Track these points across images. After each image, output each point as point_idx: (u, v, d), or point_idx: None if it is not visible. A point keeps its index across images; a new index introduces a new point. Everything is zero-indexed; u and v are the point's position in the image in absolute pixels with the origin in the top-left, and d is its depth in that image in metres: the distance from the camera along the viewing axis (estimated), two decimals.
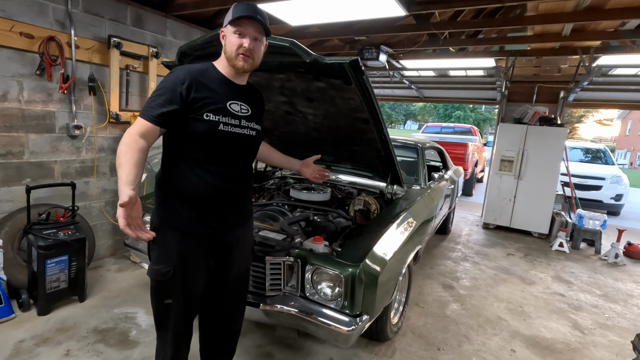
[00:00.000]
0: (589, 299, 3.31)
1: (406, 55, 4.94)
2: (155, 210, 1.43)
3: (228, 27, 1.35)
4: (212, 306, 1.57)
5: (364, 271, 1.70)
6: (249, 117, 1.43)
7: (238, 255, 1.55)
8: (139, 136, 1.24)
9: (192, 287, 1.42)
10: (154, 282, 1.41)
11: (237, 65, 1.36)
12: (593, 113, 26.96)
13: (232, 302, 1.60)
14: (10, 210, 2.61)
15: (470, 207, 7.01)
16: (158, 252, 1.39)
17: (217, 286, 1.53)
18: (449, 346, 2.40)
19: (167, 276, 1.36)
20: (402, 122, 42.59)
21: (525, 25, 3.72)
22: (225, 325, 1.63)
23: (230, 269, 1.53)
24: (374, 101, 1.89)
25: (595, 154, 8.21)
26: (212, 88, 1.34)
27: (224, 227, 1.46)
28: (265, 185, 3.18)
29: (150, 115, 1.27)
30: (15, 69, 2.57)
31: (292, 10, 3.24)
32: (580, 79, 5.04)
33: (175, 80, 1.29)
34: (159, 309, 1.43)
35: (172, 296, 1.39)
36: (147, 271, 1.44)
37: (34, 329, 2.25)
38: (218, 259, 1.48)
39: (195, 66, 1.37)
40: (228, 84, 1.40)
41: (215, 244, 1.45)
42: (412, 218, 2.46)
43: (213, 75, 1.38)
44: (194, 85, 1.30)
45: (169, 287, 1.39)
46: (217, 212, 1.42)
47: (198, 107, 1.30)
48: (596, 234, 4.69)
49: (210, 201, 1.39)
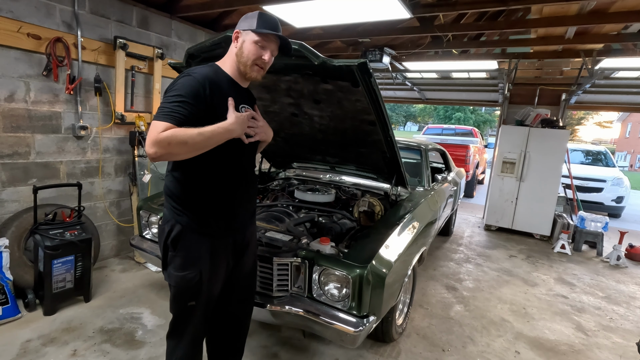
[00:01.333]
0: (591, 300, 3.32)
1: (409, 57, 4.95)
2: (174, 217, 1.37)
3: (250, 33, 1.33)
4: (222, 305, 1.58)
5: (371, 272, 1.71)
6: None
7: (251, 252, 1.59)
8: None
9: (214, 288, 1.44)
10: (177, 288, 1.39)
11: (250, 74, 1.38)
12: (593, 115, 26.99)
13: (241, 299, 1.62)
14: (17, 210, 2.62)
15: (472, 208, 7.02)
16: (183, 259, 1.36)
17: (229, 285, 1.54)
18: (453, 347, 2.41)
19: (193, 281, 1.36)
20: (402, 123, 42.59)
21: (529, 28, 3.74)
22: (235, 324, 1.65)
23: (243, 266, 1.56)
24: (381, 103, 1.91)
25: (596, 156, 8.22)
26: (226, 92, 1.33)
27: (243, 225, 1.50)
28: (269, 187, 3.18)
29: (178, 119, 1.17)
30: (23, 70, 2.58)
31: (297, 12, 3.26)
32: (583, 82, 5.05)
33: (196, 85, 1.24)
34: (180, 312, 1.43)
35: (196, 298, 1.40)
36: (166, 277, 1.42)
37: (40, 329, 2.26)
38: (236, 257, 1.51)
39: (206, 69, 1.34)
40: (235, 87, 1.40)
41: (236, 243, 1.48)
42: (417, 220, 2.47)
43: (223, 79, 1.37)
44: (215, 90, 1.28)
45: (194, 291, 1.39)
46: (238, 211, 1.46)
47: (220, 113, 1.28)
48: (598, 236, 4.70)
49: (234, 202, 1.42)
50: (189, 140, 1.16)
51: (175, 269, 1.38)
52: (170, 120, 1.17)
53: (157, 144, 1.13)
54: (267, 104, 2.42)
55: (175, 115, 1.18)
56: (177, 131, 1.15)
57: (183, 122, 1.19)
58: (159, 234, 1.45)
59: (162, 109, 1.21)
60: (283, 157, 3.29)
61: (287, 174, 3.56)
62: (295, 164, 3.44)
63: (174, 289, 1.41)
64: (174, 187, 1.38)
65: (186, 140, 1.16)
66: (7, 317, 2.28)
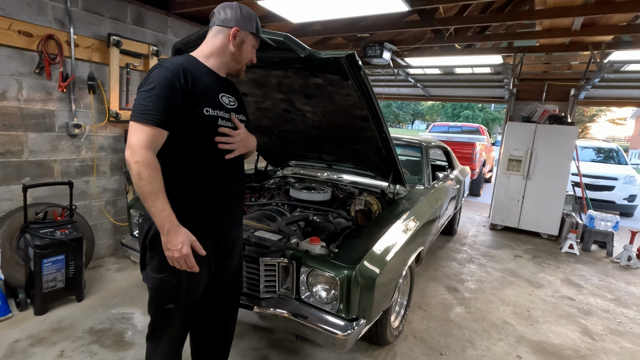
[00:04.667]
0: (599, 303, 3.19)
1: (411, 53, 4.85)
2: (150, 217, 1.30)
3: (250, 36, 1.35)
4: (206, 307, 1.52)
5: (360, 273, 1.64)
6: (236, 109, 1.40)
7: (236, 254, 1.52)
8: (153, 150, 1.16)
9: (194, 290, 1.37)
10: (155, 290, 1.34)
11: (241, 74, 1.43)
12: (606, 112, 26.40)
13: (226, 302, 1.56)
14: (9, 209, 2.61)
15: (478, 207, 6.88)
16: (161, 260, 1.28)
17: (213, 287, 1.48)
18: (451, 351, 2.32)
19: (171, 284, 1.30)
20: (410, 121, 42.29)
21: (533, 20, 3.61)
22: (220, 327, 1.59)
23: (227, 268, 1.49)
24: (372, 98, 1.83)
25: (608, 154, 8.00)
26: (203, 81, 1.27)
27: (226, 227, 1.43)
28: (265, 185, 3.13)
29: (157, 119, 1.14)
30: (14, 68, 2.56)
31: (294, 7, 3.19)
32: (592, 76, 4.89)
33: (170, 76, 1.18)
34: (158, 315, 1.37)
35: (174, 301, 1.34)
36: (144, 278, 1.37)
37: (29, 329, 2.24)
38: (218, 259, 1.44)
39: (180, 59, 1.27)
40: (214, 77, 1.34)
41: (218, 245, 1.41)
42: (414, 218, 2.39)
43: (200, 68, 1.30)
44: (190, 79, 1.22)
45: (172, 294, 1.33)
46: (224, 211, 1.39)
47: (197, 102, 1.23)
48: (608, 236, 4.55)
49: (218, 201, 1.36)
50: (144, 181, 1.12)
51: (153, 270, 1.32)
52: (149, 121, 1.14)
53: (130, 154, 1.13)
54: (259, 100, 2.36)
55: (152, 115, 1.14)
56: (149, 164, 1.13)
57: (162, 122, 1.16)
58: (139, 233, 1.40)
59: (137, 107, 1.16)
60: (279, 155, 3.23)
61: (284, 172, 3.50)
62: (293, 162, 3.38)
63: (151, 291, 1.35)
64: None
65: (142, 178, 1.12)
66: None
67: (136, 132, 1.14)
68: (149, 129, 1.14)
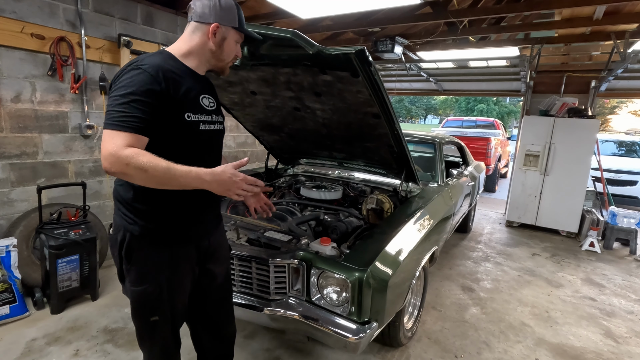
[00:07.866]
0: (623, 304, 3.06)
1: (423, 47, 4.73)
2: (125, 225, 1.21)
3: (232, 31, 1.24)
4: (198, 314, 1.48)
5: (372, 275, 1.59)
6: (216, 110, 1.30)
7: (222, 258, 1.48)
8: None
9: (179, 299, 1.33)
10: (136, 303, 1.27)
11: (226, 72, 1.32)
12: (627, 104, 25.46)
13: (218, 306, 1.51)
14: (26, 210, 2.66)
15: (493, 204, 6.72)
16: (138, 272, 1.23)
17: (201, 293, 1.43)
18: (467, 354, 2.26)
19: (153, 296, 1.24)
20: (423, 116, 41.77)
21: (553, 10, 3.46)
22: (216, 332, 1.54)
23: (214, 273, 1.43)
24: (384, 94, 1.78)
25: (630, 147, 7.70)
26: (184, 83, 1.16)
27: (207, 230, 1.37)
28: (276, 184, 3.10)
29: (136, 125, 1.03)
30: (28, 70, 2.60)
31: (303, 2, 3.14)
32: (614, 67, 4.67)
33: (148, 79, 1.06)
34: (144, 326, 1.32)
35: (159, 313, 1.28)
36: (124, 291, 1.31)
37: (46, 328, 2.28)
38: (202, 265, 1.39)
39: (156, 59, 1.13)
40: (194, 77, 1.23)
41: (200, 250, 1.35)
42: (428, 217, 2.33)
43: (180, 69, 1.18)
44: (170, 82, 1.11)
45: (154, 305, 1.27)
46: (204, 216, 1.34)
47: (179, 108, 1.13)
48: (631, 233, 4.37)
49: (198, 206, 1.29)
50: (150, 169, 0.99)
51: (132, 283, 1.24)
52: (128, 129, 1.01)
53: (113, 161, 0.98)
54: (268, 99, 2.33)
55: (129, 121, 1.02)
56: (140, 153, 0.99)
57: (140, 128, 1.04)
58: (111, 244, 1.30)
59: (111, 114, 1.03)
60: (289, 153, 3.20)
61: (294, 170, 3.47)
62: (303, 160, 3.34)
63: (133, 304, 1.28)
64: (125, 191, 1.21)
65: (146, 169, 0.99)
66: (15, 315, 2.31)
67: (113, 138, 1.00)
68: (128, 136, 1.02)
